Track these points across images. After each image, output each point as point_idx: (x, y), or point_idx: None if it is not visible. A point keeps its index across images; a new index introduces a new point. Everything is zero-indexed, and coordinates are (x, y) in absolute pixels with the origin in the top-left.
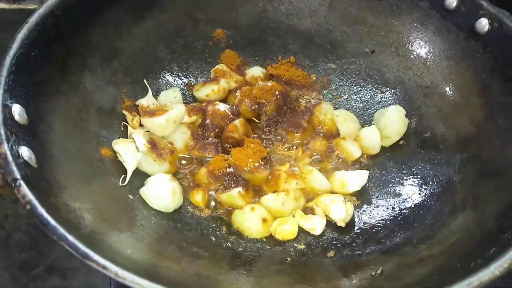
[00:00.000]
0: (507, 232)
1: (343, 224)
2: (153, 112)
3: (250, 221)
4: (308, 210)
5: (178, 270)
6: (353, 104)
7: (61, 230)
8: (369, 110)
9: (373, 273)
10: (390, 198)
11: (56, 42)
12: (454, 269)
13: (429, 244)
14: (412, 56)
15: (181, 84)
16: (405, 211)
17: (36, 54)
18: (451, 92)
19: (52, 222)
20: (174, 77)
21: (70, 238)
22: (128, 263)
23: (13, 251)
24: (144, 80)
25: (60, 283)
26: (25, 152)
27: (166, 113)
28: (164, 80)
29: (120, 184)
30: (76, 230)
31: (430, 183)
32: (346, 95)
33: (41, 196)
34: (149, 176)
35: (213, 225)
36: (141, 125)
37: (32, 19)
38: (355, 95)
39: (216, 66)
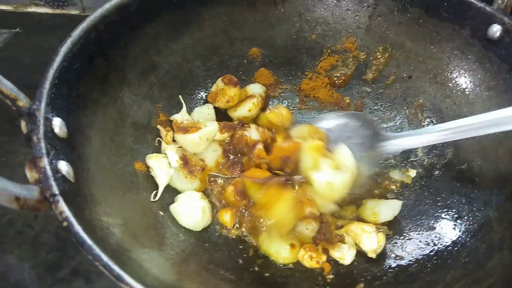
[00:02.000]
0: None
1: (374, 256)
2: (187, 128)
3: (278, 245)
4: (338, 239)
5: None
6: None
7: (97, 250)
8: None
9: None
10: (423, 231)
11: (98, 56)
12: None
13: (464, 284)
14: (451, 84)
15: None
16: (438, 246)
17: (78, 67)
18: None
19: (88, 241)
20: (207, 93)
21: (105, 259)
22: (157, 284)
23: (41, 251)
24: (179, 96)
25: (85, 286)
26: (63, 166)
27: (200, 130)
28: (198, 96)
29: (152, 199)
30: (109, 249)
31: (465, 218)
32: (379, 120)
33: (77, 212)
34: (179, 192)
35: (241, 246)
36: (174, 140)
37: (76, 33)
38: (389, 122)
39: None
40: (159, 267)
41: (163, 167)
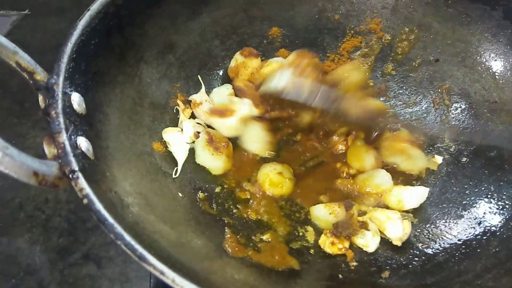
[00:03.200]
0: None
1: (399, 243)
2: (222, 111)
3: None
4: (361, 225)
5: (227, 277)
6: (409, 116)
7: (119, 228)
8: (428, 123)
9: None
10: (450, 218)
11: (116, 32)
12: None
13: (496, 274)
14: (480, 68)
15: None
16: (467, 234)
17: (96, 43)
18: None
19: (110, 219)
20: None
21: (127, 238)
22: (178, 266)
23: (52, 236)
24: (198, 76)
25: (95, 272)
26: (83, 142)
27: (235, 113)
28: (217, 76)
29: (173, 176)
30: (130, 228)
31: (495, 206)
32: (404, 104)
33: (97, 190)
34: (201, 176)
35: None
36: (192, 117)
37: (94, 7)
38: (415, 106)
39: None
40: (177, 249)
41: (179, 141)
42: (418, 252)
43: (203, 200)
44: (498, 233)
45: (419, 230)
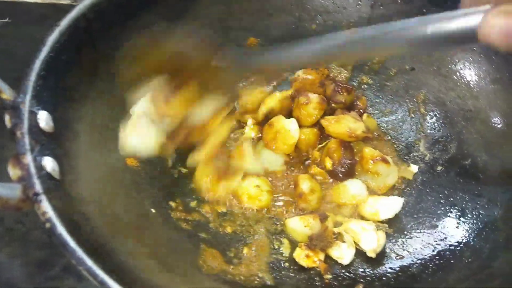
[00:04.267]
0: None
1: (373, 255)
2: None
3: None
4: (336, 237)
5: None
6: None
7: (80, 253)
8: (404, 132)
9: None
10: (425, 229)
11: (87, 47)
12: None
13: (468, 286)
14: (455, 76)
15: None
16: (441, 245)
17: (66, 59)
18: (496, 118)
19: (72, 244)
20: None
21: (89, 263)
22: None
23: (31, 249)
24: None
25: (75, 285)
26: (49, 163)
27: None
28: None
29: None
30: (96, 251)
31: (469, 216)
32: (380, 113)
33: (62, 213)
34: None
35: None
36: None
37: (64, 22)
38: (391, 115)
39: None
40: (149, 270)
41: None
42: (392, 264)
43: (177, 215)
44: (471, 243)
45: (394, 241)
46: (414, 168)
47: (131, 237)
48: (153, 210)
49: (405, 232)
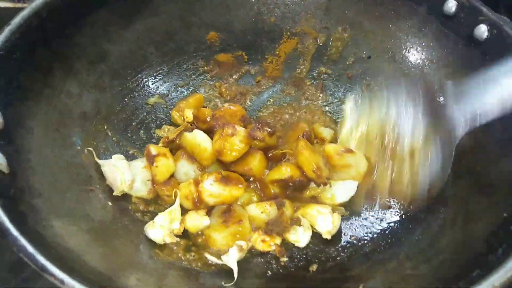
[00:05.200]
0: (493, 253)
1: (328, 237)
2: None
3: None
4: (293, 221)
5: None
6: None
7: (22, 240)
8: None
9: None
10: (379, 210)
11: (41, 45)
12: None
13: (415, 262)
14: (409, 62)
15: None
16: (393, 224)
17: (18, 58)
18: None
19: (14, 232)
20: (157, 82)
21: (30, 249)
22: (91, 276)
23: (4, 252)
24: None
25: (50, 285)
26: None
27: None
28: (153, 84)
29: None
30: (41, 240)
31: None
32: (339, 102)
33: (7, 203)
34: None
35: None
36: None
37: (15, 21)
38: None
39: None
40: (98, 260)
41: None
42: (346, 244)
43: (135, 207)
44: (422, 222)
45: (349, 223)
46: None
47: (83, 229)
48: (109, 203)
49: (361, 214)
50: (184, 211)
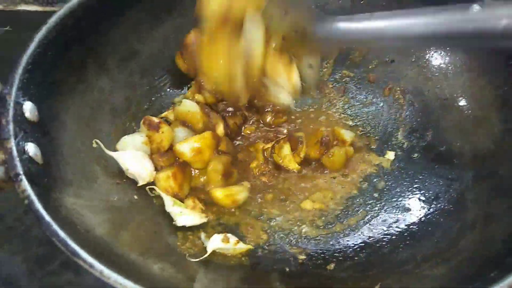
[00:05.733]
0: (511, 255)
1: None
2: None
3: None
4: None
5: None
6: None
7: (54, 226)
8: (384, 121)
9: None
10: (398, 212)
11: (75, 43)
12: None
13: (433, 263)
14: (431, 66)
15: None
16: (412, 226)
17: (53, 54)
18: (471, 105)
19: (47, 217)
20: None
21: (62, 234)
22: (124, 264)
23: (31, 245)
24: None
25: (74, 279)
26: (31, 148)
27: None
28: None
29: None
30: (72, 227)
31: (442, 199)
32: (361, 104)
33: (41, 192)
34: None
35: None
36: None
37: (52, 20)
38: (371, 106)
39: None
40: (126, 247)
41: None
42: (364, 245)
43: (160, 202)
44: (442, 224)
45: (368, 224)
46: (391, 155)
47: (110, 218)
48: (135, 197)
49: (380, 215)
50: None
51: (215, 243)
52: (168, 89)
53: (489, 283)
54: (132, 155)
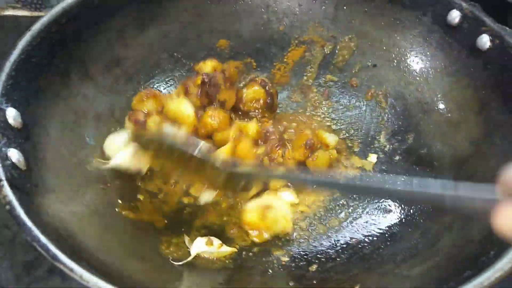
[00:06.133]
0: (486, 255)
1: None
2: None
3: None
4: None
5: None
6: (349, 119)
7: (36, 231)
8: (366, 125)
9: None
10: (380, 213)
11: (59, 50)
12: None
13: (411, 264)
14: (413, 71)
15: None
16: (393, 227)
17: (37, 61)
18: (450, 109)
19: (28, 223)
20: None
21: (43, 239)
22: (106, 269)
23: (18, 251)
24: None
25: (61, 285)
26: (13, 154)
27: None
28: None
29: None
30: (54, 232)
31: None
32: (345, 108)
33: (23, 197)
34: None
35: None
36: None
37: (36, 26)
38: (354, 110)
39: None
40: (109, 253)
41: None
42: (346, 246)
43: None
44: (421, 225)
45: (351, 225)
46: (373, 158)
47: (93, 223)
48: (120, 201)
49: (362, 217)
50: None
51: (198, 246)
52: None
53: (462, 283)
54: (126, 155)
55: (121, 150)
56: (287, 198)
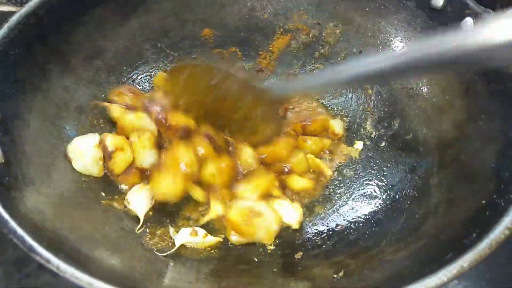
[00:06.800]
0: (468, 238)
1: (297, 226)
2: None
3: None
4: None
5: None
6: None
7: (12, 223)
8: (353, 112)
9: (335, 275)
10: (366, 199)
11: (38, 42)
12: (411, 274)
13: (395, 249)
14: None
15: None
16: (379, 213)
17: (16, 53)
18: (435, 93)
19: (4, 215)
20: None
21: (19, 231)
22: (85, 260)
23: (8, 248)
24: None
25: (52, 280)
26: None
27: None
28: (149, 80)
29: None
30: (31, 224)
31: (407, 185)
32: (331, 96)
33: (1, 190)
34: None
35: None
36: None
37: (13, 19)
38: (341, 97)
39: None
40: (90, 245)
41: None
42: (332, 233)
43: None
44: (406, 210)
45: (336, 212)
46: (359, 145)
47: (74, 216)
48: (103, 194)
49: (348, 203)
50: None
51: (183, 237)
52: (137, 86)
53: (443, 265)
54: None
55: (83, 155)
56: (290, 220)
